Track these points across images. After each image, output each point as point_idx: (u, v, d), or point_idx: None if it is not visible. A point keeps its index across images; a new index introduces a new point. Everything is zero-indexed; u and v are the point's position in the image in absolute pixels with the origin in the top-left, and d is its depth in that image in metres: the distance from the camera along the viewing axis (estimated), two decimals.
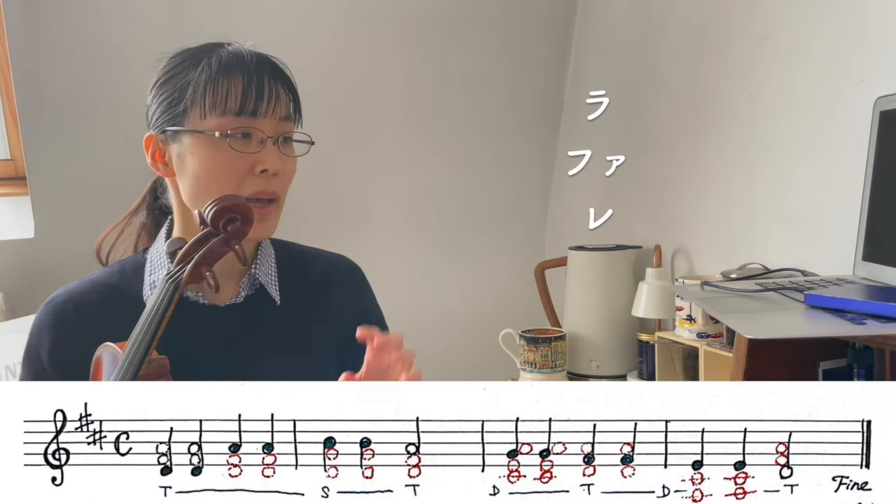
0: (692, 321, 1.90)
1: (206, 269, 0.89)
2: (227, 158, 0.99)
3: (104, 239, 1.12)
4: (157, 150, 1.04)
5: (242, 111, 1.00)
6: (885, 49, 1.52)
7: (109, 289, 1.05)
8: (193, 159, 1.01)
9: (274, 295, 1.08)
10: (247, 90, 1.00)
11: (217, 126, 0.99)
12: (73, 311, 1.03)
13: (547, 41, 2.67)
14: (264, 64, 1.04)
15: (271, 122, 1.02)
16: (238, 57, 1.02)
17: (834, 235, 1.62)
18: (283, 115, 1.03)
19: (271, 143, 1.01)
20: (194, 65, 1.02)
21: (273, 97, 1.02)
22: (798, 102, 1.76)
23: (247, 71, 1.01)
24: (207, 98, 1.00)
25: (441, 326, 2.67)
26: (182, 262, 0.90)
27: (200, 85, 1.00)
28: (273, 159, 1.01)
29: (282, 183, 1.04)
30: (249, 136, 1.00)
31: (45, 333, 1.03)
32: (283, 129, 1.03)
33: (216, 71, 1.00)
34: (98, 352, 0.94)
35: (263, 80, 1.01)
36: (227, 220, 0.89)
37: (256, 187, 1.01)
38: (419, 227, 2.66)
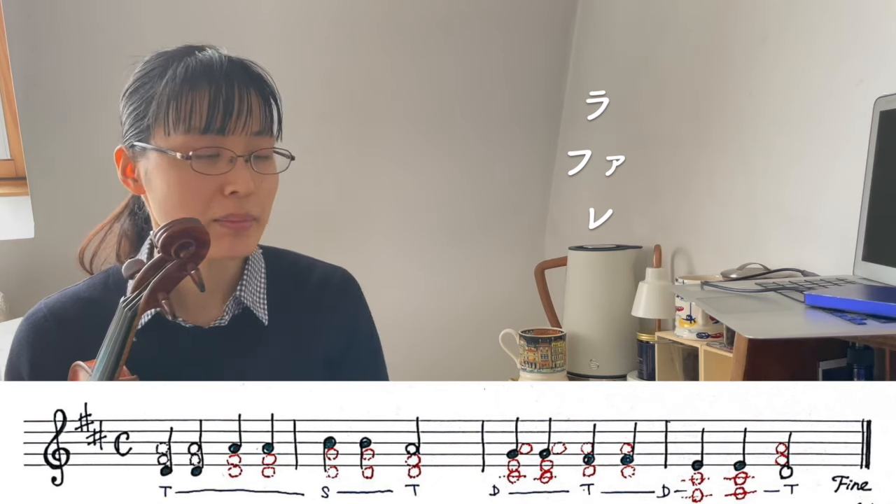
0: (692, 321, 1.90)
1: (162, 295, 0.85)
2: (192, 179, 0.92)
3: (87, 245, 1.07)
4: (127, 164, 0.99)
5: (209, 129, 0.92)
6: (884, 49, 1.52)
7: (91, 304, 1.00)
8: (159, 179, 0.94)
9: (261, 316, 1.02)
10: (213, 105, 0.92)
11: (181, 145, 0.92)
12: (54, 328, 0.99)
13: (547, 41, 2.68)
14: (236, 72, 0.95)
15: (242, 139, 0.94)
16: (206, 66, 0.94)
17: (834, 235, 1.62)
18: (255, 131, 0.95)
19: (242, 162, 0.93)
20: (160, 75, 0.94)
21: (244, 111, 0.93)
22: (798, 102, 1.76)
23: (214, 82, 0.93)
24: (171, 114, 0.92)
25: (441, 326, 2.67)
26: (138, 287, 0.86)
27: (164, 100, 0.93)
28: (244, 180, 0.93)
29: (258, 203, 0.96)
30: (218, 156, 0.93)
31: (24, 350, 0.99)
32: (256, 145, 0.95)
33: (181, 83, 0.92)
34: (72, 369, 0.92)
35: (234, 92, 0.93)
36: (178, 246, 0.84)
37: (227, 210, 0.93)
38: (419, 227, 2.66)
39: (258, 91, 0.96)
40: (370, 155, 2.58)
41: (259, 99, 0.96)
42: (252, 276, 1.03)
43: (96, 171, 2.19)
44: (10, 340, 1.01)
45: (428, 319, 2.66)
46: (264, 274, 1.05)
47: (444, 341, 2.66)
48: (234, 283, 1.02)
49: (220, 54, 0.97)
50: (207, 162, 0.93)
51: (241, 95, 0.94)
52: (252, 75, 0.97)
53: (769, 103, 1.85)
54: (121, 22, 2.19)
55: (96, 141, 2.19)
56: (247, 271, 1.03)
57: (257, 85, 0.96)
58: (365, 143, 2.56)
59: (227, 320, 1.01)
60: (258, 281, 1.04)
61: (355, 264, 1.17)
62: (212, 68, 0.94)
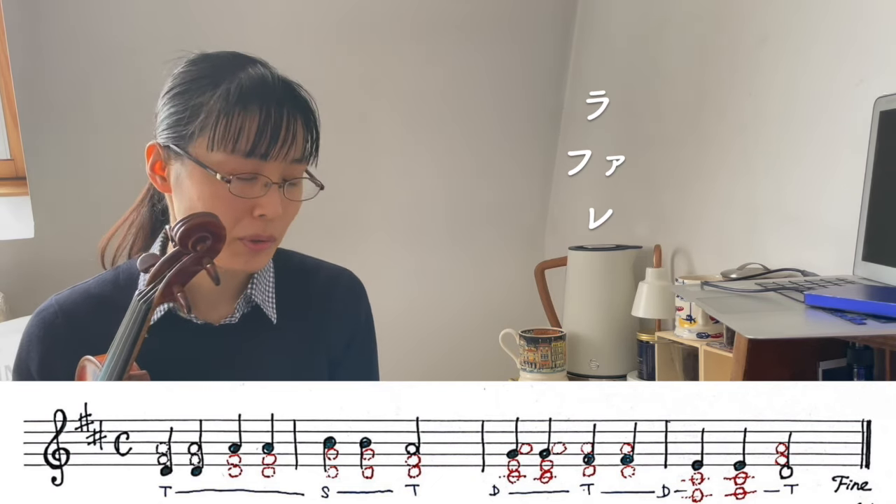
0: (692, 321, 1.90)
1: (177, 288, 0.86)
2: (226, 198, 0.92)
3: (108, 242, 1.07)
4: (157, 161, 0.98)
5: (253, 153, 0.92)
6: (884, 49, 1.52)
7: (101, 301, 1.01)
8: (192, 188, 0.94)
9: (270, 314, 1.03)
10: (262, 130, 0.92)
11: (221, 163, 0.92)
12: (63, 324, 1.00)
13: (547, 41, 2.68)
14: (287, 97, 0.95)
15: (281, 166, 0.94)
16: (259, 86, 0.93)
17: (834, 235, 1.62)
18: (295, 158, 0.95)
19: (276, 188, 0.94)
20: (213, 85, 0.93)
21: (289, 139, 0.94)
22: (798, 102, 1.76)
23: (265, 106, 0.92)
24: (218, 131, 0.92)
25: (441, 326, 2.67)
26: (153, 280, 0.87)
27: (213, 114, 0.92)
28: (274, 205, 0.94)
29: (281, 226, 0.98)
30: (255, 179, 0.93)
31: (34, 346, 1.00)
32: (292, 172, 0.96)
33: (234, 102, 0.92)
34: (80, 363, 0.92)
35: (282, 119, 0.93)
36: (196, 240, 0.85)
37: (253, 230, 0.94)
38: (420, 227, 2.66)
39: (304, 119, 0.96)
40: (370, 155, 2.58)
41: (304, 127, 0.96)
42: (262, 274, 1.05)
43: (96, 171, 2.19)
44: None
45: (428, 319, 2.66)
46: (273, 273, 1.06)
47: (444, 341, 2.66)
48: (245, 282, 1.04)
49: (273, 74, 0.96)
50: (245, 185, 0.93)
51: (289, 123, 0.94)
52: (300, 102, 0.97)
53: (769, 103, 1.85)
54: (121, 22, 2.19)
55: (96, 141, 2.20)
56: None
57: (304, 112, 0.96)
58: (364, 143, 2.56)
59: (238, 318, 1.02)
60: (268, 280, 1.05)
61: (355, 264, 1.17)
62: (265, 90, 0.94)
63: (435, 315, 2.67)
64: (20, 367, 1.01)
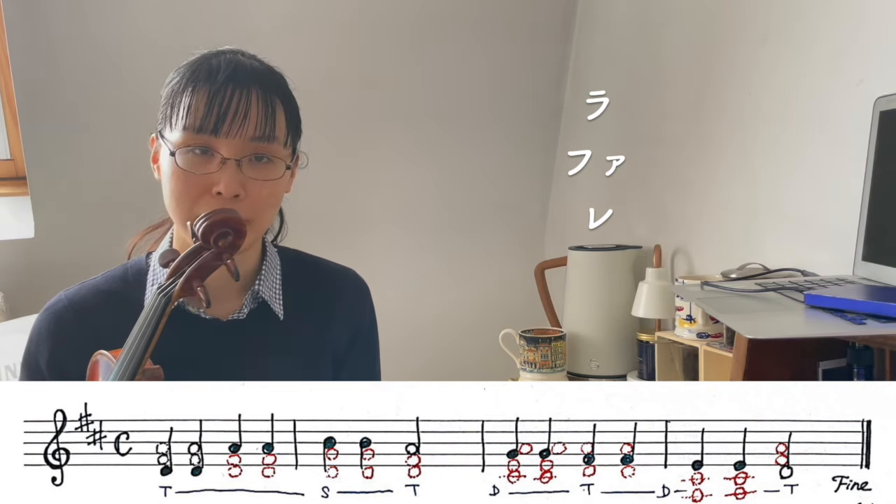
0: (692, 321, 1.90)
1: (197, 283, 0.87)
2: (180, 175, 0.94)
3: (138, 242, 1.09)
4: (154, 153, 1.01)
5: (202, 129, 0.93)
6: (884, 49, 1.52)
7: (110, 296, 1.02)
8: (162, 171, 0.98)
9: (277, 310, 1.04)
10: (210, 105, 0.93)
11: (176, 142, 0.95)
12: (73, 318, 1.01)
13: (547, 41, 2.68)
14: (241, 75, 0.96)
15: (237, 143, 0.94)
16: (214, 67, 0.95)
17: (834, 235, 1.62)
18: (253, 135, 0.95)
19: (233, 165, 0.94)
20: (178, 72, 0.98)
21: (242, 115, 0.94)
22: (798, 102, 1.76)
23: (214, 84, 0.94)
24: (173, 110, 0.95)
25: (441, 326, 2.67)
26: (173, 275, 0.88)
27: (170, 95, 0.96)
28: (228, 182, 0.93)
29: (250, 207, 0.95)
30: (209, 155, 0.94)
31: (43, 340, 1.01)
32: (251, 150, 0.95)
33: (186, 82, 0.95)
34: (94, 358, 0.93)
35: (233, 94, 0.94)
36: (217, 235, 0.87)
37: (211, 209, 0.93)
38: (419, 227, 2.66)
39: (262, 95, 0.96)
40: (370, 155, 2.58)
41: (262, 103, 0.96)
42: (269, 271, 1.06)
43: (96, 171, 2.19)
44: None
45: (428, 319, 2.66)
46: (279, 271, 1.07)
47: (444, 341, 2.66)
48: (252, 278, 1.04)
49: (233, 57, 0.98)
50: (195, 160, 0.94)
51: (240, 98, 0.94)
52: (259, 78, 0.97)
53: (769, 103, 1.85)
54: (121, 22, 2.19)
55: (96, 141, 2.20)
56: (264, 267, 1.05)
57: (263, 89, 0.97)
58: (365, 143, 2.56)
59: (246, 314, 1.03)
60: (275, 276, 1.06)
61: (355, 264, 1.17)
62: (217, 70, 0.95)
63: (435, 315, 2.67)
64: (29, 362, 1.02)
